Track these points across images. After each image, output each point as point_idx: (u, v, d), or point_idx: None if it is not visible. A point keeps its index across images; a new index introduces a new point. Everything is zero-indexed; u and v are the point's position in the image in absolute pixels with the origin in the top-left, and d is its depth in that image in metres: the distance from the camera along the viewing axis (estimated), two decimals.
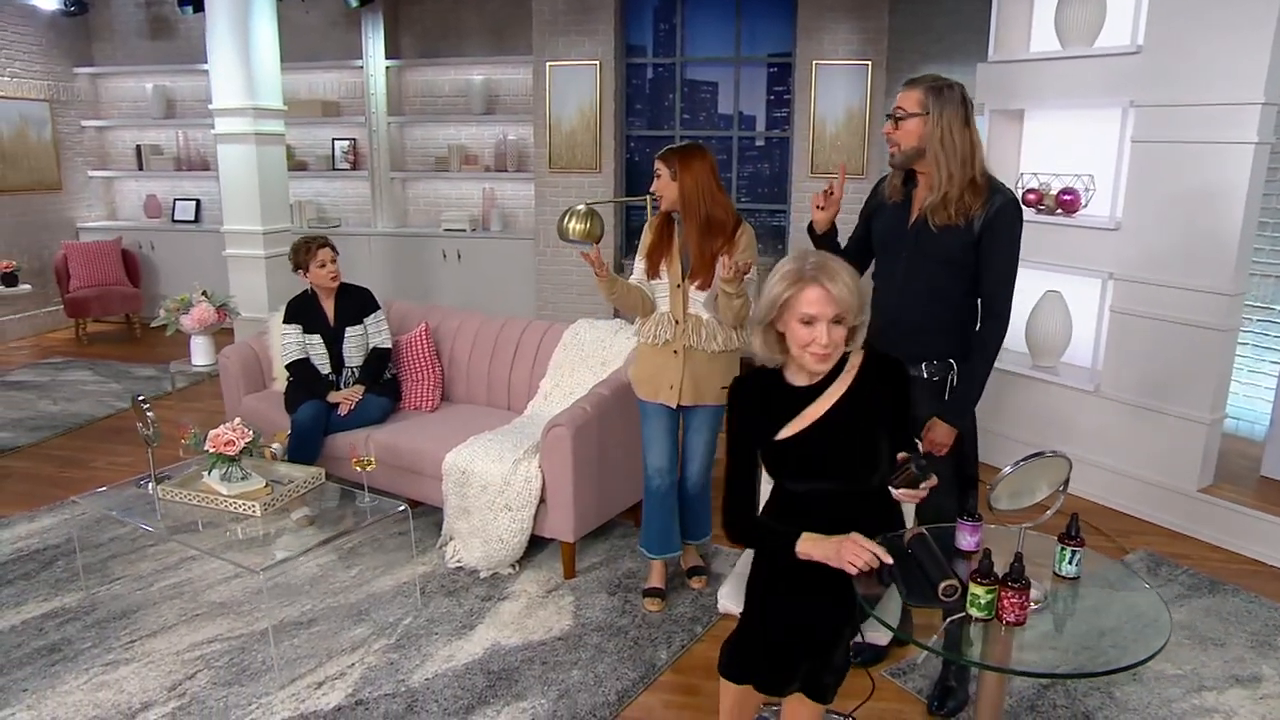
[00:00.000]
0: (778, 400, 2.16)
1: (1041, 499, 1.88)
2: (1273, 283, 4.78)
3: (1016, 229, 2.49)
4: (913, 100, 2.46)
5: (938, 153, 2.43)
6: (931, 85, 2.45)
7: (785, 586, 2.08)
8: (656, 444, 3.18)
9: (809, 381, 2.14)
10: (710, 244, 2.98)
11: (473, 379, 4.20)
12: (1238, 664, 2.97)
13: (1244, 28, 3.56)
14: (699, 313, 3.06)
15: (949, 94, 2.43)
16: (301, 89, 7.57)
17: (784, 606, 2.06)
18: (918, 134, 2.46)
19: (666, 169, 2.98)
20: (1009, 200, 2.47)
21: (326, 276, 3.99)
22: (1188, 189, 3.80)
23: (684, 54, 6.63)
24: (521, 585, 3.41)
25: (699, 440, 3.22)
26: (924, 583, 1.79)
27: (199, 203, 7.88)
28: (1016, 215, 2.49)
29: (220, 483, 3.20)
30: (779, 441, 2.13)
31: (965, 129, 2.43)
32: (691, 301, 3.05)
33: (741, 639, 2.12)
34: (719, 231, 2.98)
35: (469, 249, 7.18)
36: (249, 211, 5.71)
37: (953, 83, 2.46)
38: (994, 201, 2.44)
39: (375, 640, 3.06)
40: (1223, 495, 3.85)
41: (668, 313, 3.10)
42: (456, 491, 3.50)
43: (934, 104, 2.43)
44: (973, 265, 2.49)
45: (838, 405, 2.12)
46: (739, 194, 6.72)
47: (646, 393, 3.15)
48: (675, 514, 3.28)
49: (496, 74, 7.19)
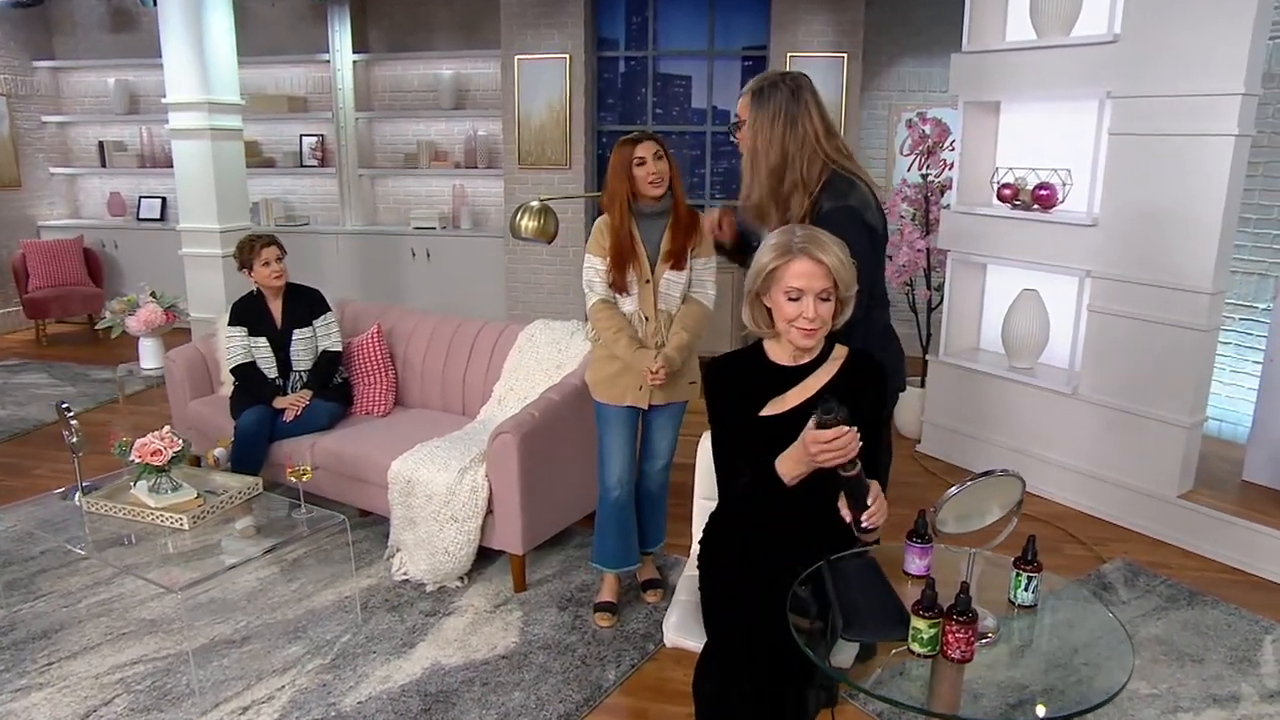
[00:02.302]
0: (759, 377, 2.07)
1: (993, 522, 1.71)
2: (1255, 280, 4.65)
3: (849, 234, 2.09)
4: (742, 106, 2.35)
5: (748, 160, 2.32)
6: (755, 88, 2.32)
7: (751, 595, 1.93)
8: (617, 452, 3.02)
9: (793, 361, 2.06)
10: (688, 233, 2.91)
11: (427, 382, 4.04)
12: (1215, 682, 2.83)
13: (1222, 17, 3.42)
14: (669, 308, 2.93)
15: (769, 94, 2.30)
16: (267, 84, 7.39)
17: (757, 622, 1.90)
18: (743, 139, 2.36)
19: (664, 150, 2.87)
20: (840, 205, 2.23)
21: (270, 276, 3.82)
22: (1167, 183, 3.65)
23: (656, 47, 6.47)
24: (469, 599, 3.25)
25: (663, 438, 3.09)
26: (865, 614, 1.63)
27: (164, 200, 7.68)
28: (847, 220, 2.19)
29: (148, 494, 3.03)
30: (761, 419, 2.03)
31: (789, 130, 2.26)
32: (662, 296, 2.92)
33: (724, 671, 1.93)
34: (693, 218, 2.94)
35: (439, 247, 7.01)
36: (205, 209, 5.53)
37: (781, 79, 2.31)
38: (821, 206, 2.26)
39: (309, 660, 2.89)
40: (1203, 501, 3.71)
41: (636, 311, 2.94)
42: (402, 501, 3.34)
43: (753, 108, 2.31)
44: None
45: (820, 394, 2.01)
46: (712, 189, 6.56)
47: (611, 395, 2.98)
48: (634, 525, 3.14)
49: (466, 68, 7.02)
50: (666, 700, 2.70)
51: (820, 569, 1.80)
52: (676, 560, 3.49)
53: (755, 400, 2.05)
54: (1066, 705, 1.66)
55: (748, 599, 1.97)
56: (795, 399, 2.03)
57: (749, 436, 2.03)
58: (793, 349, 2.05)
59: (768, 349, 2.11)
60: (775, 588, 1.88)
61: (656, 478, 3.15)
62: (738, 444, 2.05)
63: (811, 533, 2.00)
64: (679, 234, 2.89)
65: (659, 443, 3.10)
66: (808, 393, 2.03)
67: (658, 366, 2.84)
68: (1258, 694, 2.78)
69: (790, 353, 2.07)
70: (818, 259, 1.93)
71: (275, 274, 3.83)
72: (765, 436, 1.99)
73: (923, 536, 1.83)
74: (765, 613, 1.88)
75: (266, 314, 3.88)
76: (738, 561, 2.09)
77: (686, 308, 2.95)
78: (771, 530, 2.06)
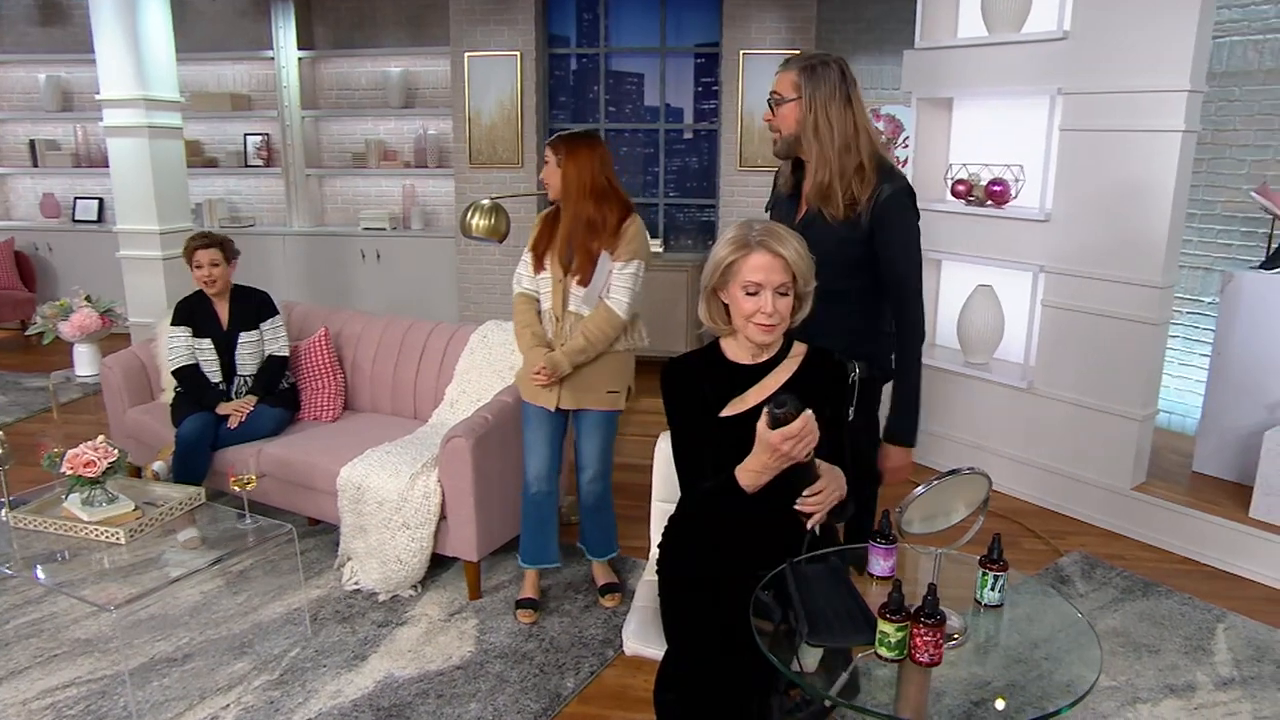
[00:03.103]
0: (717, 377, 2.01)
1: (959, 521, 1.68)
2: (1200, 274, 4.73)
3: (909, 218, 2.29)
4: (787, 83, 2.29)
5: (811, 139, 2.25)
6: (804, 65, 2.27)
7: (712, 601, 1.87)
8: (535, 450, 3.02)
9: (752, 360, 2.01)
10: (590, 239, 2.81)
11: (377, 386, 3.92)
12: (1171, 672, 2.85)
13: (1168, 13, 3.46)
14: (579, 310, 2.87)
15: (823, 72, 2.24)
16: (209, 81, 7.18)
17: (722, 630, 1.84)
18: (795, 119, 2.27)
19: (554, 156, 2.81)
20: (899, 188, 2.27)
21: (202, 279, 3.67)
22: (1117, 179, 3.69)
23: (608, 44, 6.40)
24: (422, 608, 3.16)
25: (590, 447, 3.03)
26: (830, 619, 1.58)
27: (101, 202, 7.42)
28: (908, 203, 2.29)
29: (81, 507, 2.88)
30: (722, 419, 1.97)
31: (846, 109, 2.24)
32: (571, 298, 2.86)
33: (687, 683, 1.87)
34: (600, 227, 2.81)
35: (389, 248, 6.87)
36: (144, 210, 5.32)
37: (829, 59, 2.27)
38: (881, 190, 2.24)
39: (256, 676, 2.78)
40: (1155, 493, 3.75)
41: (549, 309, 2.91)
42: (352, 509, 3.23)
43: (807, 85, 2.24)
44: (867, 261, 2.29)
45: (781, 391, 1.95)
46: (666, 188, 6.51)
47: (528, 394, 2.98)
48: (552, 524, 3.13)
49: (415, 65, 6.88)
50: (627, 708, 2.64)
51: (783, 572, 1.75)
52: (635, 564, 3.43)
53: (714, 401, 1.99)
54: (1029, 700, 1.64)
55: (708, 605, 1.92)
56: (755, 398, 1.98)
57: (710, 439, 1.97)
58: (751, 347, 2.00)
59: (725, 348, 2.05)
60: (737, 592, 1.83)
61: (588, 489, 3.09)
62: (699, 447, 1.99)
63: (772, 535, 1.95)
64: (573, 239, 2.83)
65: (586, 452, 3.04)
66: (768, 390, 1.98)
67: (539, 367, 2.82)
68: (1212, 683, 2.80)
69: (749, 351, 2.01)
70: (776, 252, 1.89)
71: (206, 278, 3.67)
72: (727, 438, 1.93)
73: (886, 537, 1.80)
74: (727, 619, 1.83)
75: (212, 315, 3.73)
76: (697, 566, 2.03)
77: (593, 313, 2.87)
78: (731, 533, 2.01)
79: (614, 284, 2.87)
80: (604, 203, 2.81)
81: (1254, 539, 3.45)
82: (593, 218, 2.81)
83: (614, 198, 2.84)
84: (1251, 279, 3.70)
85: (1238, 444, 3.76)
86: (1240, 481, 3.73)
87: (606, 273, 2.85)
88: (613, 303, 2.87)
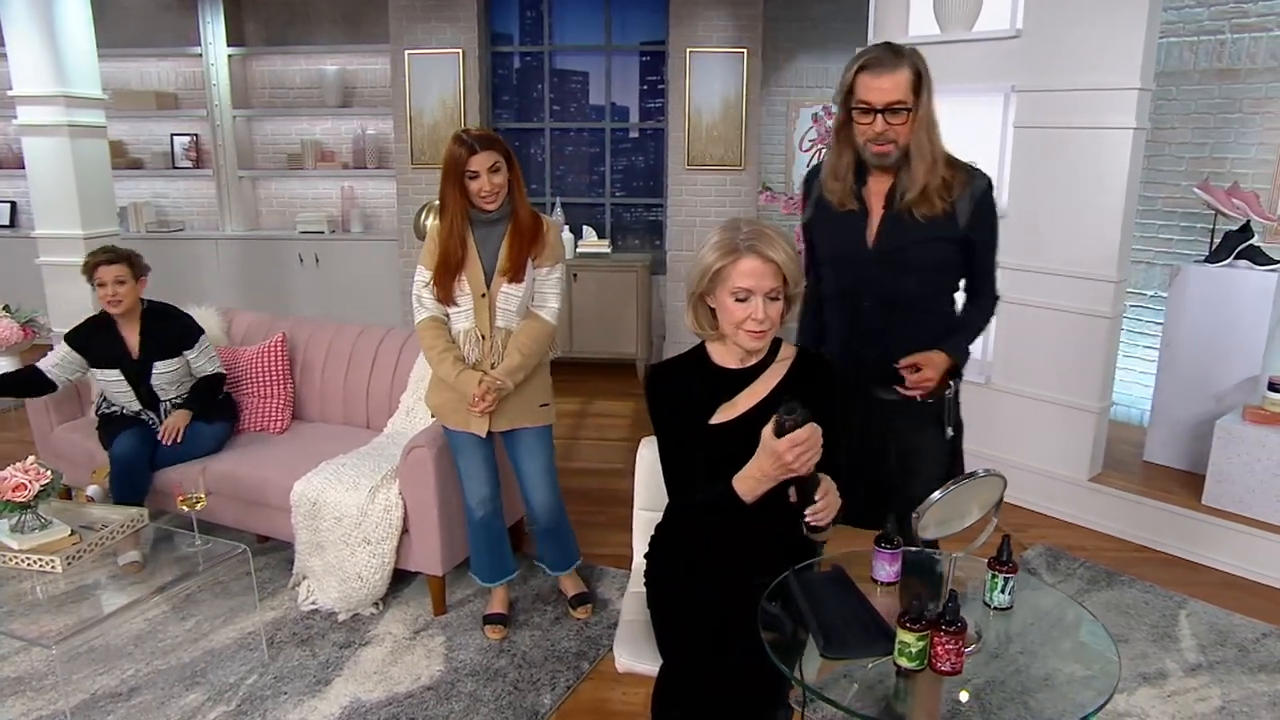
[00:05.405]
0: (705, 383, 1.93)
1: (972, 522, 1.65)
2: (1144, 268, 4.84)
3: (996, 215, 2.23)
4: (904, 86, 2.00)
5: (925, 142, 2.03)
6: (918, 65, 2.02)
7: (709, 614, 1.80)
8: (475, 476, 2.84)
9: (740, 364, 1.93)
10: (529, 240, 2.69)
11: (327, 395, 3.76)
12: (1142, 660, 2.88)
13: (1118, 11, 3.51)
14: (508, 325, 2.73)
15: (926, 68, 2.05)
16: (132, 79, 6.84)
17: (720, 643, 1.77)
18: (910, 126, 2.03)
19: (504, 159, 2.62)
20: (986, 176, 2.18)
21: (106, 299, 3.29)
22: (1070, 175, 3.74)
23: (552, 42, 6.29)
24: (386, 627, 3.02)
25: (534, 468, 2.87)
26: (844, 630, 1.53)
27: (14, 205, 7.02)
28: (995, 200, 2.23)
29: (10, 535, 2.67)
30: (713, 427, 1.89)
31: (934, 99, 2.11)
32: (500, 312, 2.71)
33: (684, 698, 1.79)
34: (536, 233, 2.71)
35: (328, 252, 6.64)
36: (66, 214, 5.03)
37: (906, 46, 2.10)
38: (976, 182, 2.14)
39: (211, 707, 2.61)
40: (1111, 483, 3.82)
41: (471, 329, 2.73)
42: (307, 525, 3.08)
43: (924, 84, 2.02)
44: (954, 259, 2.19)
45: (772, 396, 1.90)
46: (613, 187, 6.43)
47: (456, 421, 2.78)
48: (504, 537, 2.98)
49: (352, 64, 6.67)
50: None
51: (786, 581, 1.69)
52: (604, 571, 3.35)
53: (703, 408, 1.92)
54: (1009, 695, 1.61)
55: (705, 618, 1.85)
56: (746, 403, 1.91)
57: (701, 447, 1.89)
58: (739, 351, 1.93)
59: (711, 352, 1.98)
60: (734, 603, 1.76)
61: (544, 512, 2.93)
62: (689, 456, 1.91)
63: (767, 544, 1.89)
64: (518, 243, 2.67)
65: (531, 474, 2.89)
66: (758, 396, 1.92)
67: (481, 392, 2.65)
68: (1181, 669, 2.84)
69: (736, 355, 1.95)
70: (767, 256, 1.81)
71: (110, 297, 3.28)
72: (718, 446, 1.86)
73: (891, 542, 1.75)
74: (726, 632, 1.76)
75: (117, 340, 3.34)
76: (690, 578, 1.96)
77: (524, 325, 2.74)
78: (724, 543, 1.94)
79: (541, 291, 2.76)
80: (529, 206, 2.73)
81: (1207, 525, 3.53)
82: (532, 224, 2.70)
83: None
84: (1198, 272, 3.79)
85: (1188, 433, 3.85)
86: (1192, 470, 3.82)
87: (531, 280, 2.74)
88: (546, 311, 2.77)
